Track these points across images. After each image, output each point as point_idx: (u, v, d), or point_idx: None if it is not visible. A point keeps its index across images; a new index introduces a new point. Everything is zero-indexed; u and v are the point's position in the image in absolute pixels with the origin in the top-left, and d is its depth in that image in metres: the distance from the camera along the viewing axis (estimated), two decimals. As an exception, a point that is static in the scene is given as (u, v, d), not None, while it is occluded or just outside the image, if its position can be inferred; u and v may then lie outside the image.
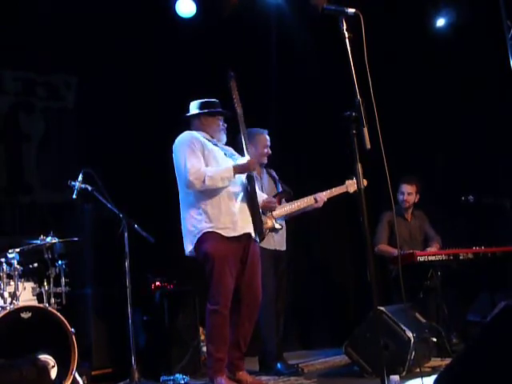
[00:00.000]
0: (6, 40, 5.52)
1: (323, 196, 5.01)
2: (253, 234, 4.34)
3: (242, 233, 4.25)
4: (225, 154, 4.42)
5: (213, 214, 4.21)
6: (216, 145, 4.42)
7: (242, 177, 4.36)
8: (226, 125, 4.54)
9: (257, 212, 4.36)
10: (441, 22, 6.73)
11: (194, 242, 4.26)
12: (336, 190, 5.08)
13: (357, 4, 3.08)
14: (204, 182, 4.15)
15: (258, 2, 6.20)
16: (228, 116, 4.53)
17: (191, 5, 6.08)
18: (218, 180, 4.19)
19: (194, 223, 4.26)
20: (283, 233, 5.13)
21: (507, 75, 5.77)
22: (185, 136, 4.38)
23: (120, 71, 5.94)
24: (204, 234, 4.21)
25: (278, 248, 5.10)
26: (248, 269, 4.31)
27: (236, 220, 4.23)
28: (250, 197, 4.34)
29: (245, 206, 4.32)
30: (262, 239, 4.52)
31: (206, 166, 4.24)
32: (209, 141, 4.40)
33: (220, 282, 4.16)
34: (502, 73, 5.80)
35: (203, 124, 4.47)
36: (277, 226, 4.81)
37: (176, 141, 4.39)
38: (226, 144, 4.58)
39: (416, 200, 5.95)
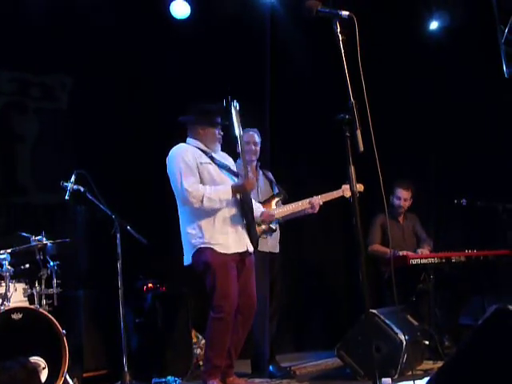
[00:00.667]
0: (1, 40, 5.50)
1: (318, 200, 4.97)
2: (249, 249, 4.35)
3: (235, 251, 4.26)
4: (219, 166, 4.39)
5: (206, 231, 4.23)
6: (211, 157, 4.39)
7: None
8: (222, 133, 4.48)
9: (251, 222, 4.35)
10: (434, 25, 6.75)
11: (191, 255, 4.28)
12: (332, 195, 5.05)
13: (350, 6, 3.07)
14: (202, 202, 4.15)
15: (253, 3, 6.20)
16: (225, 126, 4.46)
17: (185, 7, 6.07)
18: (216, 202, 4.18)
19: (189, 238, 4.30)
20: (277, 235, 5.12)
21: (500, 78, 5.81)
22: (179, 149, 4.35)
23: (115, 72, 5.93)
24: (199, 248, 4.24)
25: (271, 250, 5.10)
26: (243, 277, 4.32)
27: (230, 240, 4.25)
28: (243, 208, 4.32)
29: (239, 225, 4.31)
30: (256, 246, 4.50)
31: (201, 181, 4.23)
32: (204, 152, 4.37)
33: (225, 290, 4.16)
34: (494, 76, 5.84)
35: (199, 133, 4.42)
36: (272, 226, 4.79)
37: (170, 152, 4.36)
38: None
39: (410, 204, 5.97)
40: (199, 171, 4.26)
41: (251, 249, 4.39)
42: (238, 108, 4.34)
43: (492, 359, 2.53)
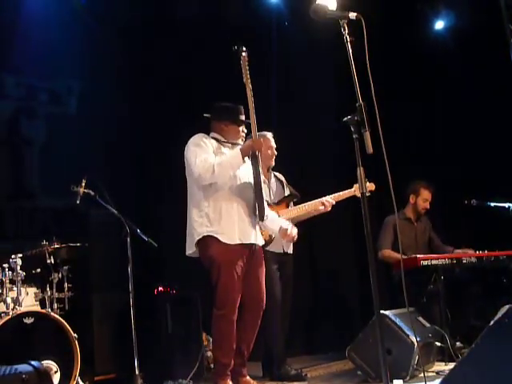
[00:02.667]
0: (9, 45, 5.53)
1: (331, 200, 4.99)
2: (257, 243, 4.32)
3: (240, 243, 4.21)
4: None
5: (213, 218, 4.19)
6: (229, 148, 4.39)
7: (246, 175, 4.32)
8: (246, 131, 4.46)
9: (260, 194, 4.25)
10: (439, 25, 6.73)
11: (194, 243, 4.24)
12: (344, 194, 5.06)
13: (355, 7, 3.07)
14: (213, 171, 4.10)
15: (260, 4, 6.21)
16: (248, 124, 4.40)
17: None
18: (227, 167, 4.14)
19: (195, 226, 4.24)
20: None
21: (509, 78, 5.77)
22: (197, 137, 4.35)
23: (122, 77, 5.95)
24: (204, 237, 4.20)
25: (286, 250, 5.08)
26: (252, 275, 4.29)
27: (236, 230, 4.20)
28: (254, 180, 4.25)
29: (248, 216, 4.27)
30: (268, 244, 4.47)
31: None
32: (223, 144, 4.38)
33: (227, 287, 4.14)
34: (503, 76, 5.80)
35: (223, 129, 4.42)
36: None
37: (188, 142, 4.35)
38: None
39: None
40: (216, 155, 4.24)
41: (261, 242, 4.36)
42: (246, 54, 4.24)
43: (504, 360, 2.52)
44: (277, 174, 5.29)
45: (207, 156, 4.19)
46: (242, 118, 4.43)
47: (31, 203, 5.80)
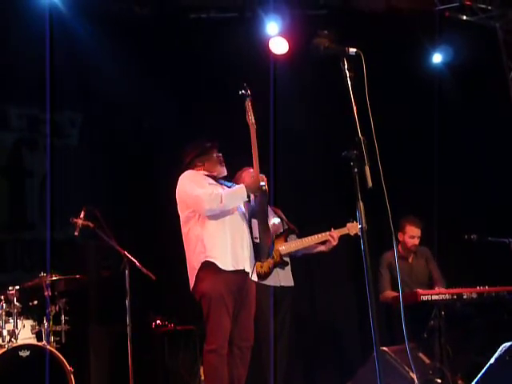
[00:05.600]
0: (12, 77, 5.58)
1: (335, 235, 4.99)
2: (248, 270, 4.26)
3: (233, 269, 4.16)
4: (226, 186, 4.38)
5: (208, 243, 4.16)
6: (218, 182, 4.41)
7: (238, 208, 4.33)
8: (220, 155, 4.45)
9: (266, 228, 4.27)
10: (437, 59, 6.78)
11: (195, 275, 4.21)
12: (338, 232, 5.06)
13: (352, 41, 3.09)
14: (221, 201, 4.11)
15: (256, 38, 6.28)
16: (217, 145, 4.44)
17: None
18: (234, 198, 4.18)
19: (193, 259, 4.24)
20: (289, 268, 5.10)
21: (506, 113, 5.82)
22: (187, 173, 4.37)
23: (124, 109, 6.00)
24: (202, 265, 4.16)
25: (283, 284, 5.04)
26: (242, 310, 4.23)
27: (228, 253, 4.17)
28: (260, 212, 4.26)
29: (239, 242, 4.25)
30: (262, 257, 4.41)
31: None
32: (212, 178, 4.40)
33: (217, 323, 4.10)
34: (501, 111, 5.86)
35: (199, 166, 4.42)
36: (285, 259, 4.76)
37: (181, 179, 4.36)
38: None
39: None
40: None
41: (248, 270, 4.26)
42: (250, 95, 4.22)
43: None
44: (275, 208, 5.29)
45: (210, 187, 4.21)
46: (207, 144, 4.41)
47: (30, 235, 5.79)
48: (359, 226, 2.93)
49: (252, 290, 4.33)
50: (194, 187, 4.22)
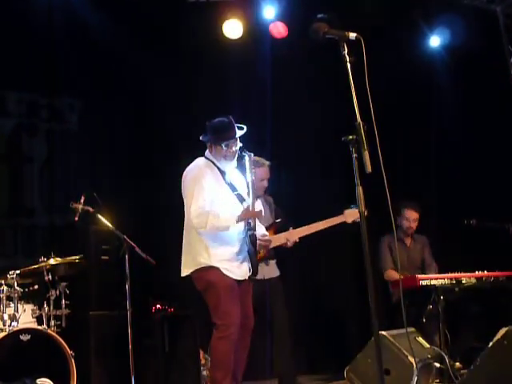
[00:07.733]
0: (11, 62, 5.56)
1: (295, 234, 4.93)
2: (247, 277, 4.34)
3: (235, 278, 4.23)
4: (231, 188, 4.34)
5: (213, 248, 4.20)
6: (224, 176, 4.34)
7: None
8: (232, 149, 4.28)
9: (253, 252, 4.31)
10: (435, 42, 6.75)
11: (191, 270, 4.25)
12: (334, 220, 5.00)
13: (350, 25, 3.08)
14: (206, 227, 4.13)
15: (257, 25, 6.25)
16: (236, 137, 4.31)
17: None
18: (219, 228, 4.16)
19: (193, 253, 4.26)
20: (273, 262, 5.13)
21: (507, 95, 5.80)
22: (195, 170, 4.30)
23: (124, 94, 5.98)
24: (204, 267, 4.20)
25: (267, 277, 5.05)
26: (241, 298, 4.26)
27: (234, 267, 4.22)
28: (250, 238, 4.30)
29: (242, 253, 4.29)
30: (256, 273, 4.46)
31: (212, 201, 4.20)
32: (219, 170, 4.33)
33: (228, 311, 4.13)
34: (502, 93, 5.83)
35: (211, 151, 4.36)
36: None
37: (186, 170, 4.33)
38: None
39: (417, 225, 5.94)
40: (211, 190, 4.23)
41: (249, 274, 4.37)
42: (251, 158, 4.30)
43: (503, 381, 2.51)
44: (267, 196, 5.27)
45: (204, 208, 4.14)
46: (223, 136, 4.28)
47: (30, 220, 5.79)
48: (359, 211, 2.94)
49: (249, 283, 4.41)
50: (192, 197, 4.18)
